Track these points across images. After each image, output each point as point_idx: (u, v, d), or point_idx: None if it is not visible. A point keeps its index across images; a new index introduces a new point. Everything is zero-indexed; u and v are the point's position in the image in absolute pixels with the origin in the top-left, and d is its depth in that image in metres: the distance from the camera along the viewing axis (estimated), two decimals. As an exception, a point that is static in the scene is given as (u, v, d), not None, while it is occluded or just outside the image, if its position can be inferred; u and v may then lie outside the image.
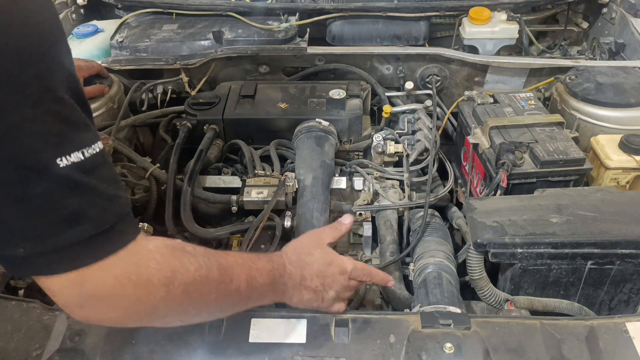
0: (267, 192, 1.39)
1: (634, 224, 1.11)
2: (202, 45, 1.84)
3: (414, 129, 1.71)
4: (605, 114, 1.53)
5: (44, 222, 0.60)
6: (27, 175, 0.57)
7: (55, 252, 0.61)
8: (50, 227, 0.60)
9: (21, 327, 0.94)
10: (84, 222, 0.62)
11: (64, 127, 0.60)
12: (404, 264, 1.39)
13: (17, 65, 0.55)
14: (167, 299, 0.70)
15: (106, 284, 0.65)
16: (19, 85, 0.55)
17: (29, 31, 0.57)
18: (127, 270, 0.67)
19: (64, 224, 0.61)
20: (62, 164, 0.59)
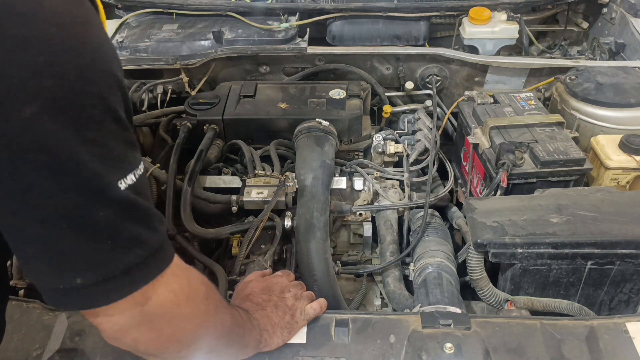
0: (267, 192, 1.39)
1: (634, 224, 1.11)
2: (202, 45, 1.84)
3: (414, 129, 1.71)
4: (605, 114, 1.53)
5: (105, 248, 0.58)
6: (90, 201, 0.55)
7: (114, 279, 0.59)
8: (110, 253, 0.58)
9: (21, 327, 0.94)
10: (141, 245, 0.61)
11: (123, 148, 0.58)
12: (404, 264, 1.39)
13: (81, 87, 0.54)
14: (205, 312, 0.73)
15: (167, 300, 0.65)
16: (82, 106, 0.54)
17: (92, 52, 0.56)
18: (182, 284, 0.67)
19: (123, 248, 0.59)
20: (122, 187, 0.57)
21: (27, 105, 0.50)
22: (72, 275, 0.57)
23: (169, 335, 0.69)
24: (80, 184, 0.54)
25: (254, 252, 1.31)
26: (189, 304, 0.69)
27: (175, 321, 0.68)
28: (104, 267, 0.58)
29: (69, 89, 0.53)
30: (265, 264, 1.24)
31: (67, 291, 0.58)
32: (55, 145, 0.52)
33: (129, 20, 1.96)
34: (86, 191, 0.55)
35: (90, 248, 0.57)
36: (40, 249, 0.56)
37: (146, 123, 1.78)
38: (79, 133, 0.54)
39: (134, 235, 0.60)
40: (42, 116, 0.51)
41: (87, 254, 0.57)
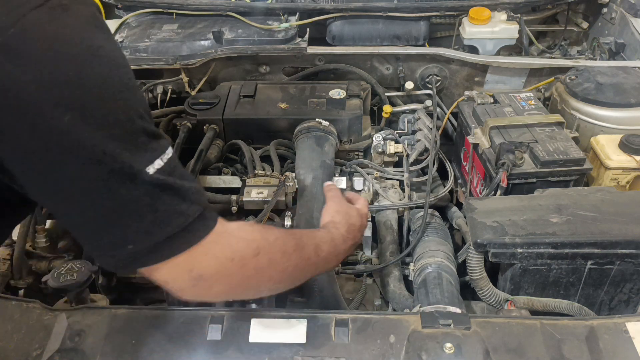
0: (267, 192, 1.39)
1: (634, 224, 1.11)
2: (202, 45, 1.84)
3: (414, 129, 1.71)
4: (605, 114, 1.53)
5: (148, 220, 0.69)
6: (127, 184, 0.67)
7: (160, 244, 0.70)
8: (153, 224, 0.69)
9: (21, 327, 0.94)
10: (180, 215, 0.71)
11: (146, 139, 0.69)
12: (404, 264, 1.39)
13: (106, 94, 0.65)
14: (256, 269, 0.81)
15: (210, 265, 0.76)
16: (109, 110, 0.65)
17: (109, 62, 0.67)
18: (224, 250, 0.77)
19: (164, 220, 0.70)
20: (151, 172, 0.68)
21: (64, 113, 0.61)
22: (125, 244, 0.70)
23: (222, 291, 0.81)
24: (116, 172, 0.66)
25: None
26: (234, 266, 0.78)
27: (224, 280, 0.79)
28: (150, 236, 0.70)
29: (96, 96, 0.64)
30: (265, 264, 1.24)
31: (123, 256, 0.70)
32: (91, 143, 0.63)
33: (129, 20, 1.96)
34: (122, 177, 0.66)
35: (135, 222, 0.69)
36: (95, 227, 0.69)
37: (146, 123, 1.78)
38: (109, 132, 0.65)
39: (171, 208, 0.71)
40: (77, 122, 0.62)
41: (134, 226, 0.69)
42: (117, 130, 0.66)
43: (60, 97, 0.61)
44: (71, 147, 0.63)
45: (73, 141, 0.62)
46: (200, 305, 1.34)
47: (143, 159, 0.68)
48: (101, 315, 0.97)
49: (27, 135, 0.61)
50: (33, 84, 0.59)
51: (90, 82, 0.63)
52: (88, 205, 0.67)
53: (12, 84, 0.59)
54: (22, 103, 0.60)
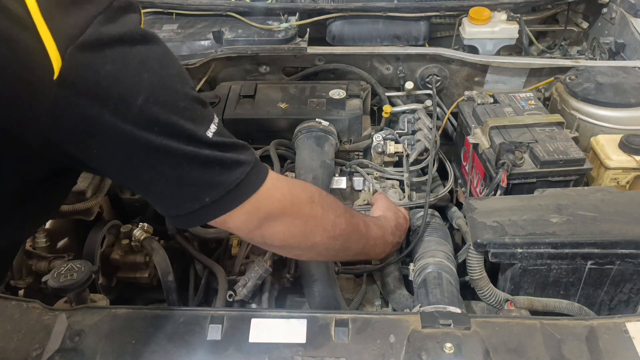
0: (267, 192, 1.39)
1: (634, 224, 1.11)
2: (202, 45, 1.84)
3: (414, 129, 1.71)
4: (605, 114, 1.53)
5: (217, 172, 0.80)
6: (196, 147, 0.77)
7: (232, 191, 0.81)
8: (222, 175, 0.81)
9: (21, 327, 0.94)
10: (241, 164, 0.83)
11: (200, 108, 0.79)
12: (404, 264, 1.39)
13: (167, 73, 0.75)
14: (311, 215, 0.96)
15: (274, 206, 0.89)
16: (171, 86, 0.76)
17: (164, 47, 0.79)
18: (284, 194, 0.91)
19: (230, 170, 0.81)
20: (210, 135, 0.79)
21: (138, 95, 0.71)
22: (203, 197, 0.80)
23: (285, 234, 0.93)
24: (186, 139, 0.76)
25: (254, 252, 1.31)
26: (293, 207, 0.92)
27: (286, 221, 0.92)
28: (222, 186, 0.81)
29: (159, 76, 0.74)
30: (265, 264, 1.24)
31: (200, 210, 0.81)
32: (162, 118, 0.73)
33: (129, 20, 1.96)
34: (191, 142, 0.76)
35: (209, 177, 0.79)
36: (175, 189, 0.79)
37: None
38: (174, 105, 0.75)
39: (233, 159, 0.82)
40: (149, 100, 0.72)
41: (208, 179, 0.80)
42: (181, 103, 0.76)
43: (136, 81, 0.71)
44: (147, 124, 0.72)
45: (148, 118, 0.72)
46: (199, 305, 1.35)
47: (202, 126, 0.78)
48: (101, 315, 0.97)
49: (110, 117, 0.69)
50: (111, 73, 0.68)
51: (152, 65, 0.73)
52: (168, 172, 0.77)
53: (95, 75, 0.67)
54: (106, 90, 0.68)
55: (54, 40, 0.64)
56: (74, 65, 0.65)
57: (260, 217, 0.88)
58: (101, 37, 0.68)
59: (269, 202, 0.88)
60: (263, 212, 0.87)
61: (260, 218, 0.88)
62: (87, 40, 0.66)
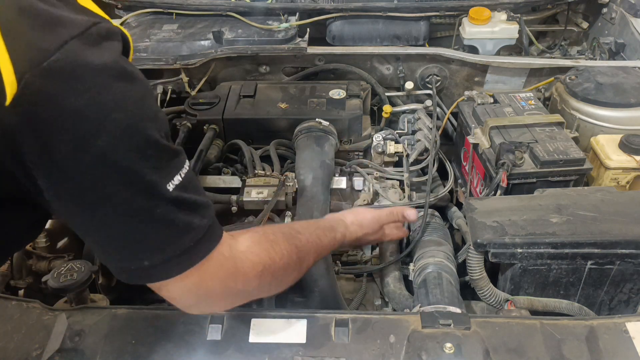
0: (267, 192, 1.39)
1: (634, 224, 1.11)
2: (202, 45, 1.84)
3: (414, 129, 1.71)
4: (605, 114, 1.53)
5: (165, 236, 0.73)
6: (151, 202, 0.70)
7: (174, 259, 0.74)
8: (170, 240, 0.73)
9: (21, 327, 0.94)
10: (192, 230, 0.75)
11: (168, 157, 0.72)
12: (404, 264, 1.39)
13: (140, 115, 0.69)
14: (259, 287, 0.87)
15: (215, 286, 0.80)
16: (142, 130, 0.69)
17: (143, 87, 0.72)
18: (229, 272, 0.81)
19: (179, 234, 0.74)
20: (170, 188, 0.71)
21: (102, 136, 0.64)
22: (142, 259, 0.73)
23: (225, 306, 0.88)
24: (143, 191, 0.69)
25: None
26: (237, 285, 0.83)
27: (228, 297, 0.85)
28: (165, 251, 0.73)
29: (131, 118, 0.67)
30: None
31: (136, 270, 0.74)
32: (124, 164, 0.67)
33: (129, 20, 1.96)
34: (147, 196, 0.70)
35: (154, 238, 0.73)
36: (116, 242, 0.73)
37: (146, 123, 1.78)
38: (140, 152, 0.68)
39: (186, 224, 0.74)
40: (113, 143, 0.65)
41: (152, 242, 0.73)
42: (149, 150, 0.69)
43: (103, 120, 0.64)
44: (105, 168, 0.66)
45: (108, 163, 0.66)
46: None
47: (165, 177, 0.71)
48: (101, 315, 0.97)
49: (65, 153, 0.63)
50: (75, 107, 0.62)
51: (128, 106, 0.67)
52: (112, 222, 0.70)
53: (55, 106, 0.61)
54: (66, 125, 0.62)
55: (11, 64, 0.58)
56: (32, 92, 0.60)
57: (200, 295, 0.80)
58: (71, 65, 0.62)
59: (210, 280, 0.79)
60: (203, 290, 0.79)
61: (199, 295, 0.80)
62: (53, 66, 0.60)
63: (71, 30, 0.63)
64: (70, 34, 0.63)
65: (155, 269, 0.74)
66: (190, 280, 0.77)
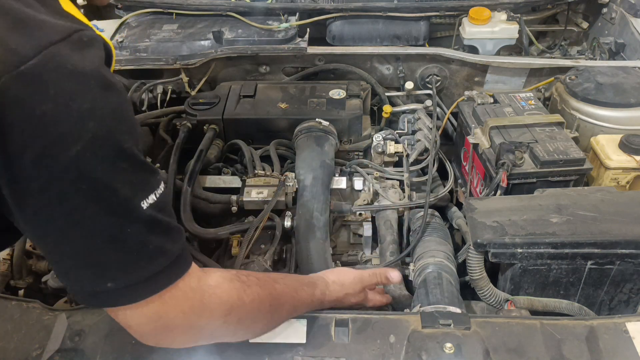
0: (267, 192, 1.39)
1: (634, 224, 1.11)
2: (202, 45, 1.84)
3: (414, 129, 1.71)
4: (605, 114, 1.53)
5: (134, 258, 0.69)
6: (121, 220, 0.67)
7: (140, 283, 0.70)
8: (138, 262, 0.69)
9: (21, 327, 0.94)
10: (163, 255, 0.71)
11: (142, 174, 0.69)
12: (404, 264, 1.39)
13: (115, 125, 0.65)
14: (223, 326, 0.82)
15: (177, 319, 0.76)
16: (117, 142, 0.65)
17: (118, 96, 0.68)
18: (193, 306, 0.76)
19: (149, 258, 0.70)
20: (144, 206, 0.68)
21: (74, 144, 0.61)
22: (105, 281, 0.68)
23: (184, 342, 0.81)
24: (114, 206, 0.66)
25: (254, 252, 1.31)
26: (200, 322, 0.78)
27: (188, 333, 0.79)
28: (132, 274, 0.69)
29: (107, 128, 0.64)
30: (265, 264, 1.24)
31: (99, 293, 0.70)
32: (95, 176, 0.63)
33: (129, 20, 1.96)
34: (118, 212, 0.66)
35: (121, 259, 0.68)
36: (79, 261, 0.68)
37: (146, 123, 1.78)
38: (114, 165, 0.65)
39: (157, 247, 0.70)
40: (85, 153, 0.62)
41: (119, 263, 0.68)
42: (124, 164, 0.66)
43: (74, 128, 0.61)
44: (75, 179, 0.62)
45: (79, 173, 0.62)
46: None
47: (140, 194, 0.68)
48: (101, 315, 0.97)
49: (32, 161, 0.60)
50: (48, 113, 0.60)
51: (105, 115, 0.64)
52: (78, 238, 0.66)
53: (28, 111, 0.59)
54: (36, 131, 0.60)
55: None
56: (5, 96, 0.58)
57: (158, 326, 0.75)
58: (48, 71, 0.60)
59: (173, 311, 0.75)
60: (164, 321, 0.75)
61: (158, 326, 0.75)
62: (29, 71, 0.58)
63: (52, 35, 0.62)
64: (51, 39, 0.61)
65: (118, 293, 0.70)
66: (152, 309, 0.72)
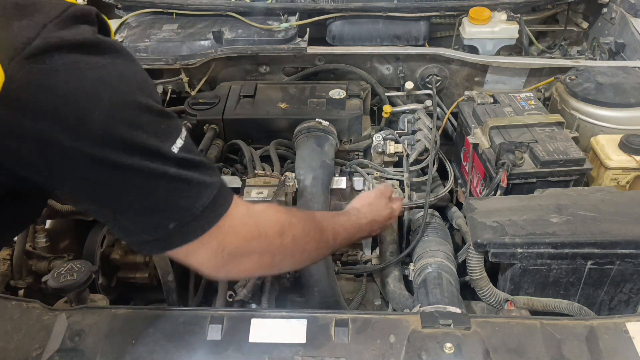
0: (267, 192, 1.39)
1: (634, 224, 1.11)
2: (202, 45, 1.84)
3: (414, 129, 1.71)
4: (605, 114, 1.53)
5: (183, 194, 0.74)
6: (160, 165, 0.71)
7: (198, 218, 0.75)
8: (188, 197, 0.74)
9: (21, 327, 0.94)
10: (207, 187, 0.76)
11: (164, 122, 0.73)
12: (404, 264, 1.39)
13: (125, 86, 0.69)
14: (281, 247, 0.88)
15: (240, 243, 0.82)
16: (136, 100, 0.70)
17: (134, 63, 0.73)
18: (250, 229, 0.83)
19: (197, 193, 0.75)
20: (175, 150, 0.73)
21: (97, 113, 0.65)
22: (167, 224, 0.74)
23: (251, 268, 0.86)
24: (148, 157, 0.70)
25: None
26: (261, 243, 0.84)
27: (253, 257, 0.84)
28: (188, 211, 0.74)
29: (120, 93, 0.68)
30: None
31: (161, 238, 0.75)
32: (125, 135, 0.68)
33: (129, 20, 1.96)
34: (155, 159, 0.71)
35: (173, 198, 0.73)
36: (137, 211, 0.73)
37: (146, 123, 1.78)
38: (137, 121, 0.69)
39: (200, 182, 0.76)
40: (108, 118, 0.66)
41: (173, 204, 0.73)
42: (144, 117, 0.70)
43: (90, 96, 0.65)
44: (109, 143, 0.66)
45: (110, 137, 0.66)
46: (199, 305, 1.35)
47: (167, 141, 0.72)
48: (101, 315, 0.97)
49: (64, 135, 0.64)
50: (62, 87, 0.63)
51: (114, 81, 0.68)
52: (128, 193, 0.71)
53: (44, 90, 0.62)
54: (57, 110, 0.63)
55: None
56: (20, 79, 0.60)
57: (225, 256, 0.81)
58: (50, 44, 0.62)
59: (234, 238, 0.81)
60: (228, 249, 0.80)
61: (224, 256, 0.81)
62: (35, 50, 0.61)
63: (50, 13, 0.64)
64: (49, 17, 0.63)
65: (181, 232, 0.75)
66: (215, 240, 0.78)
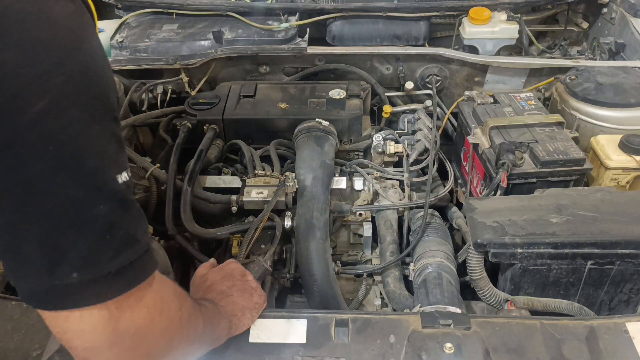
0: (267, 192, 1.39)
1: (634, 224, 1.11)
2: (202, 45, 1.84)
3: (414, 129, 1.71)
4: (605, 114, 1.53)
5: (102, 244, 0.58)
6: (89, 196, 0.56)
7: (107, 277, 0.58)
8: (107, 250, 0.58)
9: (21, 327, 0.94)
10: (134, 244, 0.61)
11: (118, 146, 0.60)
12: (404, 264, 1.39)
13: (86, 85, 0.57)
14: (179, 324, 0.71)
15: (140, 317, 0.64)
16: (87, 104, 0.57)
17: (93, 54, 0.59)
18: (156, 300, 0.66)
19: (119, 245, 0.59)
20: (120, 181, 0.59)
21: (38, 100, 0.52)
22: (69, 271, 0.56)
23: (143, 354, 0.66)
24: (81, 179, 0.56)
25: (254, 252, 1.31)
26: (162, 319, 0.68)
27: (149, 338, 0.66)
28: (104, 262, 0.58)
29: (76, 86, 0.55)
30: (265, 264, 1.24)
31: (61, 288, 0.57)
32: (61, 139, 0.54)
33: (129, 20, 1.96)
34: (86, 186, 0.56)
35: (89, 243, 0.57)
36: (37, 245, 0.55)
37: (146, 123, 1.78)
38: (84, 129, 0.56)
39: (129, 233, 0.60)
40: (51, 111, 0.53)
41: (86, 249, 0.57)
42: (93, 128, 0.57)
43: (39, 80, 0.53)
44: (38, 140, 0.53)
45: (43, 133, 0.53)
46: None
47: (115, 167, 0.59)
48: (101, 315, 0.97)
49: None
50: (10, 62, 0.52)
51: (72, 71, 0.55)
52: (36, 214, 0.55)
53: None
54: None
55: None
56: None
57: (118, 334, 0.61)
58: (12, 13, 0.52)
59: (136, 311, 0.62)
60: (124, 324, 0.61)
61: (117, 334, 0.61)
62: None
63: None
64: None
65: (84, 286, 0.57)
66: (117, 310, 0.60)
